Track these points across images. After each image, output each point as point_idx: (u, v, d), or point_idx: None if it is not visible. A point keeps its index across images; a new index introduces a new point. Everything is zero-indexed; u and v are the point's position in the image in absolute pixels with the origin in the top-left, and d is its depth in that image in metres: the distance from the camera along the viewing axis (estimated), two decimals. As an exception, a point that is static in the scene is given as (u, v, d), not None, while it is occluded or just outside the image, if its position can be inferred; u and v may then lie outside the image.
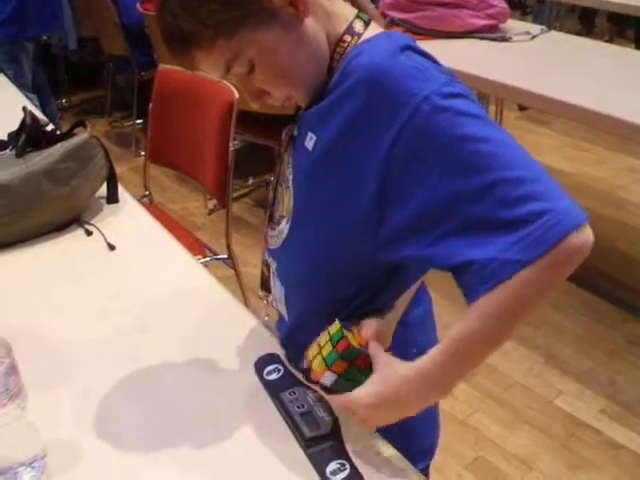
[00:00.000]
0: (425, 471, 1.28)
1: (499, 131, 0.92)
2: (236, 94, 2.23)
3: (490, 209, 0.88)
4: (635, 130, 2.38)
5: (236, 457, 1.07)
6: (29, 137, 1.67)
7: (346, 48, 1.02)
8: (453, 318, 0.92)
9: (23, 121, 1.72)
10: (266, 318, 1.35)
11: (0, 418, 0.98)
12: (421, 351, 0.98)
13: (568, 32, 4.74)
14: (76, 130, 1.76)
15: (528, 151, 0.92)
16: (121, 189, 1.85)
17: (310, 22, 1.01)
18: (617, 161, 4.20)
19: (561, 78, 2.78)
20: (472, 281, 0.90)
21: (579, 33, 6.12)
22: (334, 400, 1.06)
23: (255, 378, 1.21)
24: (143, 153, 3.49)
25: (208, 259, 2.38)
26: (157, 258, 1.61)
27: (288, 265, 1.16)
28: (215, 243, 2.76)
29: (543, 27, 3.48)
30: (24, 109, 1.76)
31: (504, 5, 3.28)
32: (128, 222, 1.76)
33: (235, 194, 3.80)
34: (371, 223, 0.98)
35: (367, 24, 1.05)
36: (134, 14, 3.83)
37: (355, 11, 1.07)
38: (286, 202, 1.13)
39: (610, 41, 5.74)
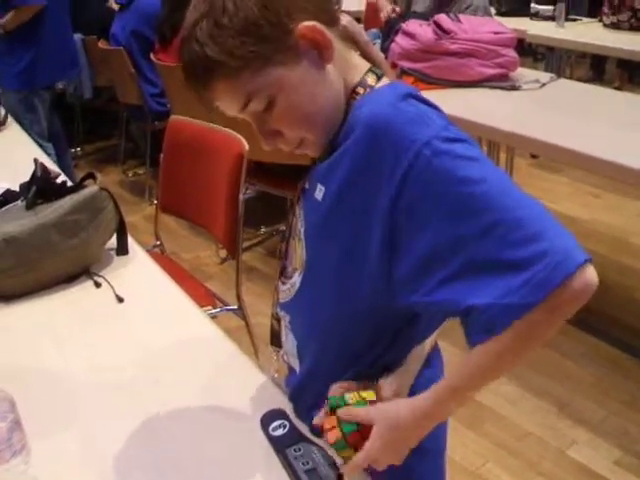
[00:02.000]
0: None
1: (497, 173, 0.94)
2: (246, 145, 2.26)
3: (490, 251, 0.89)
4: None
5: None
6: (39, 189, 1.69)
7: (356, 99, 1.04)
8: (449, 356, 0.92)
9: (34, 173, 1.74)
10: (275, 375, 1.35)
11: (3, 474, 0.98)
12: None
13: (579, 79, 4.81)
14: (86, 182, 1.78)
15: (541, 199, 0.92)
16: (131, 240, 1.86)
17: (331, 68, 1.03)
18: (630, 207, 4.19)
19: (571, 126, 2.80)
20: (474, 326, 0.91)
21: (590, 80, 6.18)
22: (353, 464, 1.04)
23: (261, 433, 1.20)
24: (156, 202, 3.52)
25: (218, 310, 2.38)
26: (166, 310, 1.62)
27: (301, 317, 1.17)
28: (226, 293, 2.76)
29: (552, 75, 3.51)
30: (35, 161, 1.79)
31: (513, 54, 3.32)
32: (137, 274, 1.77)
33: (246, 243, 3.82)
34: (381, 271, 0.99)
35: (379, 78, 1.08)
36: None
37: (368, 65, 1.10)
38: (298, 254, 1.13)
39: (620, 87, 5.78)
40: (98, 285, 1.69)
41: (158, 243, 2.73)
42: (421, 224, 0.94)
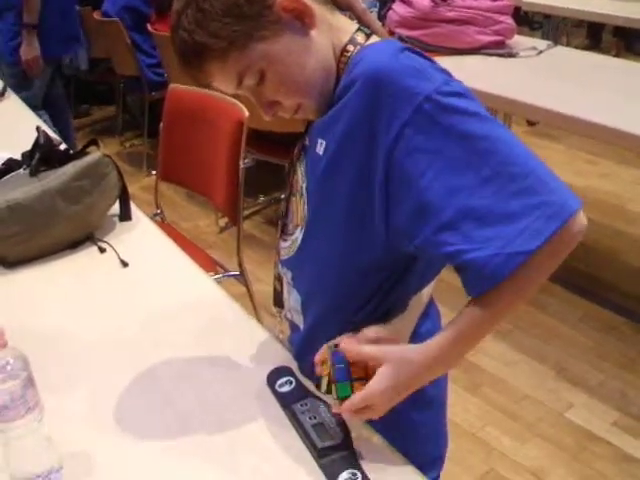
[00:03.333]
0: (436, 481, 1.30)
1: (497, 127, 0.97)
2: (246, 112, 2.26)
3: (489, 202, 0.93)
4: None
5: (249, 467, 1.08)
6: (42, 156, 1.70)
7: (349, 57, 1.07)
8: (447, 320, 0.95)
9: (36, 140, 1.75)
10: (280, 335, 1.37)
11: (18, 430, 1.00)
12: None
13: (576, 47, 4.78)
14: (89, 149, 1.79)
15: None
16: (133, 207, 1.88)
17: (315, 34, 1.06)
18: (627, 174, 4.21)
19: (567, 92, 2.80)
20: (475, 277, 0.96)
21: (586, 48, 6.16)
22: (352, 400, 1.05)
23: (268, 390, 1.22)
24: (154, 172, 3.52)
25: (220, 276, 2.40)
26: (169, 274, 1.64)
27: (304, 271, 1.19)
28: (227, 261, 2.78)
29: (549, 42, 3.50)
30: (37, 129, 1.79)
31: (510, 21, 3.31)
32: (140, 239, 1.79)
33: (246, 212, 3.84)
34: (381, 217, 1.02)
35: (368, 36, 1.10)
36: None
37: (356, 25, 1.12)
38: (300, 210, 1.16)
39: (617, 55, 5.75)
40: (102, 250, 1.71)
41: (158, 211, 2.74)
42: (418, 173, 0.97)
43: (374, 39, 1.10)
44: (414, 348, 1.04)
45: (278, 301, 1.30)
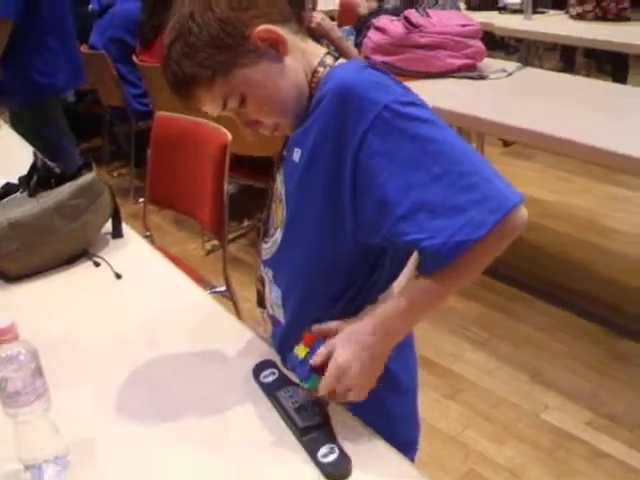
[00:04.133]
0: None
1: (446, 132, 1.11)
2: (229, 136, 2.40)
3: (439, 196, 1.06)
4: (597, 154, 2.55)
5: (240, 447, 1.20)
6: (40, 178, 1.82)
7: (320, 77, 1.22)
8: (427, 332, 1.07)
9: (34, 164, 1.88)
10: (264, 334, 1.49)
11: (28, 415, 1.11)
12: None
13: (550, 70, 4.97)
14: (82, 171, 1.91)
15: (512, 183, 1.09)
16: (125, 226, 2.00)
17: (289, 60, 1.20)
18: (599, 190, 4.37)
19: (537, 110, 2.95)
20: (426, 261, 1.11)
21: (561, 70, 6.35)
22: (324, 380, 1.17)
23: (253, 381, 1.34)
24: (141, 200, 3.64)
25: (207, 292, 2.51)
26: (160, 284, 1.76)
27: (283, 268, 1.32)
28: (213, 281, 2.90)
29: (519, 64, 3.68)
30: (35, 154, 1.92)
31: (480, 45, 3.48)
32: (133, 254, 1.90)
33: (231, 235, 3.95)
34: (350, 215, 1.16)
35: (336, 59, 1.25)
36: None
37: (325, 50, 1.28)
38: (279, 214, 1.29)
39: (588, 76, 5.95)
40: (97, 265, 1.83)
41: (148, 234, 2.86)
42: (378, 172, 1.10)
43: (342, 61, 1.25)
44: (367, 319, 1.17)
45: (261, 302, 1.42)
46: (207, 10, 1.14)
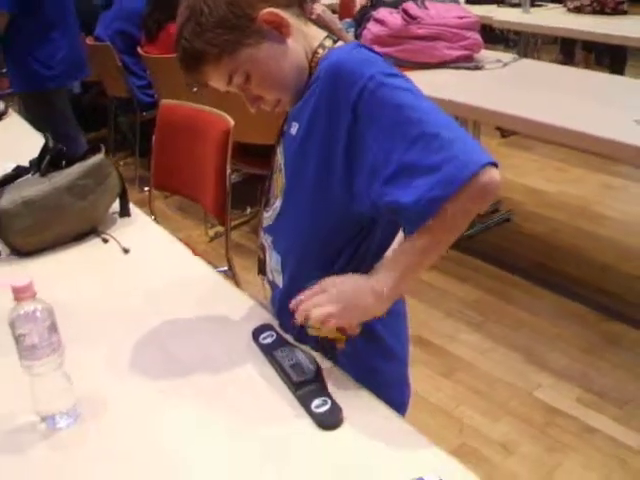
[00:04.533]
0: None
1: (424, 100, 1.20)
2: (231, 122, 2.49)
3: (415, 158, 1.15)
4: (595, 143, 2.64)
5: (240, 401, 1.29)
6: (52, 158, 1.92)
7: (319, 58, 1.31)
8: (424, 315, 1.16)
9: (45, 145, 1.97)
10: (264, 301, 1.58)
11: (43, 367, 1.20)
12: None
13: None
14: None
15: (510, 174, 1.17)
16: (132, 206, 2.09)
17: (291, 41, 1.30)
18: (594, 179, 4.45)
19: (532, 100, 3.04)
20: (409, 219, 1.19)
21: (561, 63, 6.43)
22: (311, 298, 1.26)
23: (253, 344, 1.43)
24: (146, 189, 3.73)
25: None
26: (166, 258, 1.85)
27: (283, 234, 1.41)
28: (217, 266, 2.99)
29: (515, 55, 3.77)
30: (45, 136, 2.02)
31: (477, 37, 3.56)
32: (140, 232, 2.00)
33: (234, 222, 4.05)
34: (345, 183, 1.26)
35: (335, 42, 1.34)
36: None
37: (325, 33, 1.37)
38: (279, 184, 1.39)
39: (586, 69, 6.02)
40: (106, 241, 1.92)
41: (153, 218, 2.95)
42: (369, 141, 1.20)
43: (340, 43, 1.34)
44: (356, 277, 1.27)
45: (261, 268, 1.52)
46: None
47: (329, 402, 1.24)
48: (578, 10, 4.89)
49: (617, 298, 3.28)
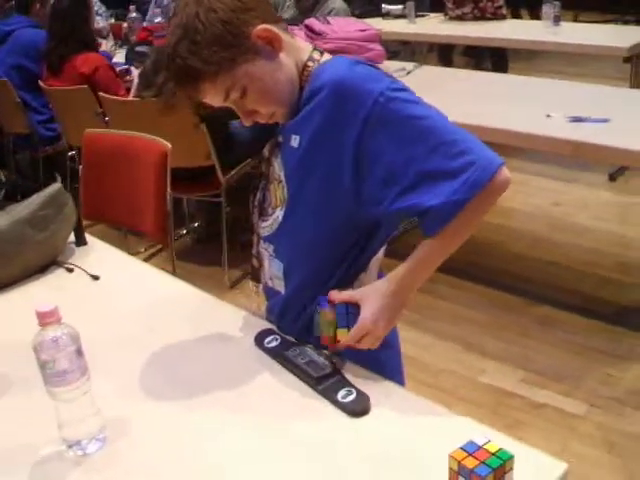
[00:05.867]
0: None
1: (432, 109, 1.29)
2: (168, 145, 2.50)
3: (437, 164, 1.24)
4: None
5: (262, 406, 1.32)
6: (7, 192, 1.88)
7: (310, 71, 1.36)
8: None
9: (-3, 180, 1.93)
10: (257, 311, 1.61)
11: (75, 391, 1.20)
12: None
13: (432, 69, 5.28)
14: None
15: None
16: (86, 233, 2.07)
17: (283, 55, 1.35)
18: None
19: (432, 101, 3.18)
20: (432, 221, 1.26)
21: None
22: (351, 333, 1.33)
23: (256, 351, 1.46)
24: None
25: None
26: (137, 280, 1.85)
27: (286, 242, 1.45)
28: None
29: (415, 63, 3.94)
30: (-6, 171, 1.98)
31: (380, 48, 3.65)
32: (100, 258, 1.98)
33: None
34: (352, 192, 1.31)
35: (322, 54, 1.41)
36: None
37: (312, 46, 1.43)
38: (279, 194, 1.43)
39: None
40: (70, 270, 1.90)
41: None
42: (380, 152, 1.27)
43: (327, 56, 1.41)
44: (382, 281, 1.34)
45: (255, 277, 1.55)
46: (210, 11, 1.26)
47: (354, 391, 1.29)
48: (460, 18, 5.15)
49: (536, 283, 3.48)
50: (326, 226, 1.39)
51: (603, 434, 2.52)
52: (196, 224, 4.27)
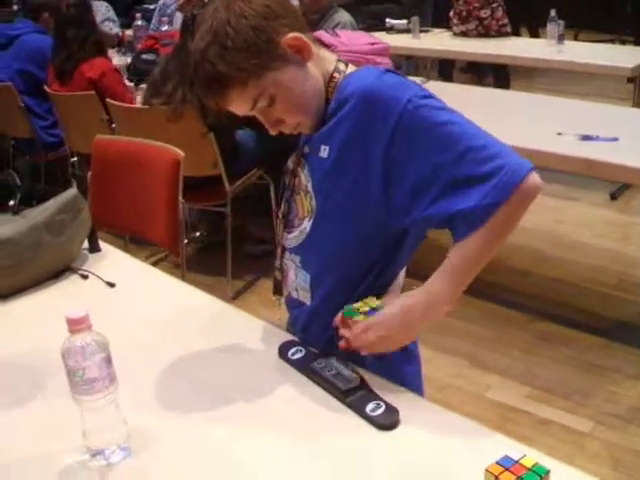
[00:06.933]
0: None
1: (458, 115, 1.29)
2: (181, 154, 2.49)
3: (466, 170, 1.23)
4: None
5: (289, 419, 1.31)
6: (22, 195, 1.87)
7: (336, 82, 1.36)
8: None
9: (11, 183, 1.92)
10: (278, 322, 1.60)
11: (103, 399, 1.18)
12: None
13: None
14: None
15: None
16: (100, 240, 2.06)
17: (311, 65, 1.34)
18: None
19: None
20: (462, 225, 1.25)
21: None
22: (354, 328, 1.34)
23: (280, 363, 1.44)
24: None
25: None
26: (154, 288, 1.84)
27: (314, 254, 1.44)
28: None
29: (423, 78, 3.95)
30: (9, 173, 1.96)
31: (388, 61, 3.61)
32: (115, 265, 1.96)
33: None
34: (382, 201, 1.31)
35: (347, 65, 1.40)
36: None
37: (336, 56, 1.42)
38: (306, 205, 1.42)
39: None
40: (85, 277, 1.88)
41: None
42: (410, 160, 1.26)
43: (351, 68, 1.41)
44: (414, 291, 1.34)
45: (278, 289, 1.54)
46: (241, 17, 1.26)
47: (383, 405, 1.28)
48: (464, 34, 5.16)
49: (539, 299, 3.49)
50: (354, 236, 1.38)
51: (608, 451, 2.52)
52: (197, 233, 4.26)
